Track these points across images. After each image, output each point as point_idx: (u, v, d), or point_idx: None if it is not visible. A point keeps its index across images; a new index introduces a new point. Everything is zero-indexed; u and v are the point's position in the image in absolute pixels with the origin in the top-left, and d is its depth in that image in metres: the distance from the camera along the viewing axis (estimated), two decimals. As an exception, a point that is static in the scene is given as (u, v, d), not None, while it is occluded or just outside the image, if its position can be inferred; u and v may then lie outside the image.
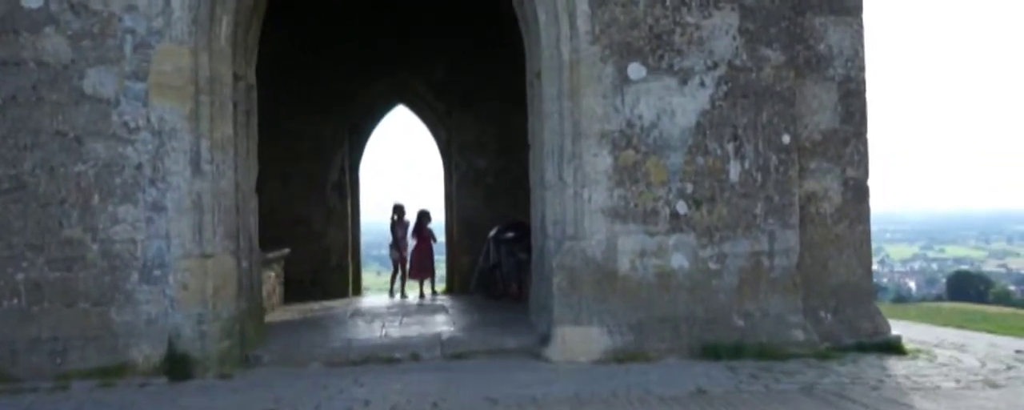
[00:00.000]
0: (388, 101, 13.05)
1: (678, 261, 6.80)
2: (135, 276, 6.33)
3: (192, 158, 6.37)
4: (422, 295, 11.81)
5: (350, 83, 12.34)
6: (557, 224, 6.86)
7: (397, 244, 11.99)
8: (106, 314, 6.30)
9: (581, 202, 6.73)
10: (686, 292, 6.79)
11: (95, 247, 6.29)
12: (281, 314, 9.72)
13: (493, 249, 11.44)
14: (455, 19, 11.89)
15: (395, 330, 7.97)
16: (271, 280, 10.13)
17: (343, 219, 12.69)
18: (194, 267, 6.37)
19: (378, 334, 7.73)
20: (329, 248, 12.56)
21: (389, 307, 10.20)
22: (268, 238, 11.92)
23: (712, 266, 6.83)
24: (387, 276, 12.90)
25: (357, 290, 12.94)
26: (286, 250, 11.00)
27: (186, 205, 6.35)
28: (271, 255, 9.94)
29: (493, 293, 11.15)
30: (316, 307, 10.55)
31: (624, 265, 6.74)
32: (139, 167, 6.32)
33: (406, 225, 12.02)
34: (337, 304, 10.93)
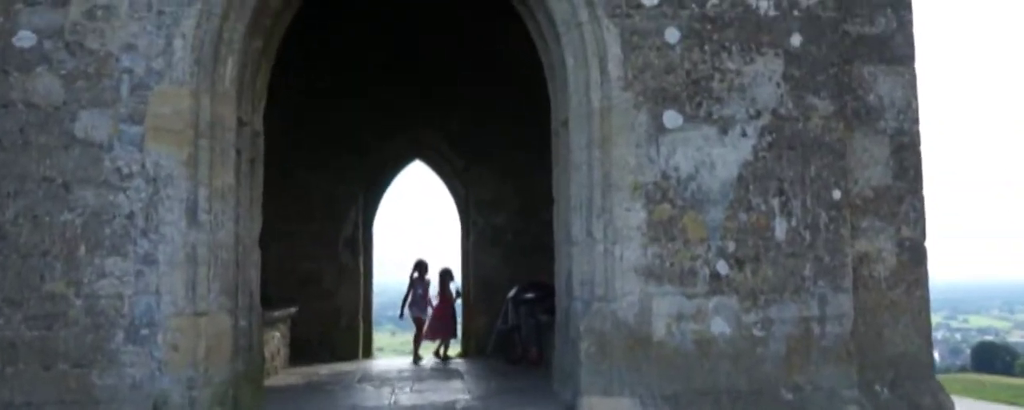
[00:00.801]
0: (404, 156, 12.59)
1: (719, 327, 6.14)
2: (120, 335, 5.75)
3: (188, 207, 5.85)
4: (442, 357, 11.13)
5: (365, 137, 11.94)
6: (585, 284, 6.25)
7: (417, 303, 11.32)
8: (87, 377, 5.71)
9: (612, 260, 6.13)
10: (728, 361, 6.11)
11: (79, 303, 5.74)
12: (285, 377, 9.07)
13: (512, 310, 10.78)
14: (475, 70, 11.53)
15: (405, 397, 7.30)
16: (275, 340, 9.52)
17: (355, 277, 12.11)
18: (186, 326, 5.79)
19: (387, 402, 7.06)
20: (339, 308, 11.95)
21: (400, 371, 9.53)
22: (275, 296, 11.44)
23: (756, 333, 6.17)
24: (402, 337, 12.30)
25: (368, 352, 12.27)
26: (293, 309, 10.42)
27: (180, 258, 5.81)
28: (276, 314, 9.37)
29: (511, 357, 10.45)
30: (323, 370, 9.88)
31: (659, 330, 6.10)
32: (130, 216, 5.82)
33: (427, 283, 11.39)
34: (346, 367, 10.26)
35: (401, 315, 11.44)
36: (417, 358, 10.97)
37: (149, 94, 5.87)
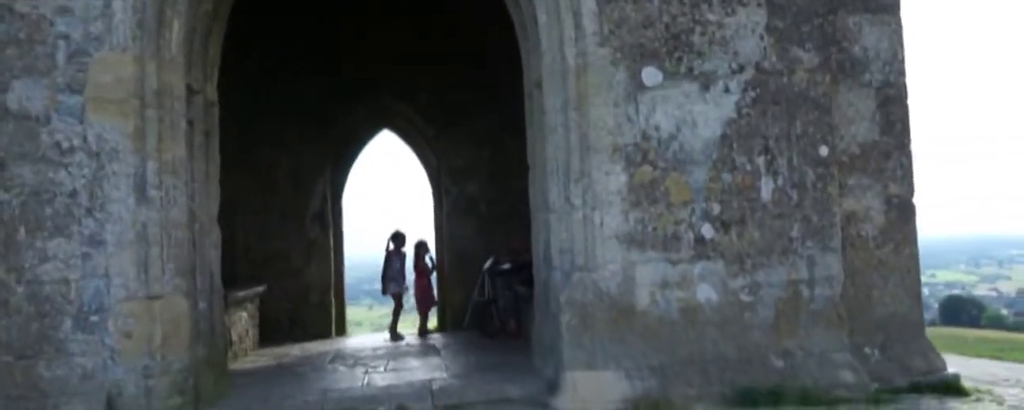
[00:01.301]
0: (372, 126, 12.17)
1: (705, 293, 5.87)
2: (68, 323, 5.35)
3: (136, 183, 5.43)
4: (421, 332, 10.81)
5: (330, 108, 11.48)
6: (564, 253, 5.93)
7: (395, 277, 10.95)
8: (32, 369, 5.31)
9: (592, 227, 5.82)
10: (715, 329, 5.86)
11: (20, 289, 5.32)
12: (254, 360, 8.71)
13: (488, 282, 10.48)
14: (441, 34, 11.07)
15: (380, 377, 6.98)
16: (242, 322, 9.14)
17: (325, 253, 11.73)
18: (139, 311, 5.40)
19: (360, 383, 6.73)
20: (309, 284, 11.57)
21: (375, 349, 9.20)
22: (242, 275, 11.02)
23: (744, 298, 5.91)
24: (380, 311, 11.97)
25: (341, 329, 11.93)
26: (260, 288, 10.01)
27: (129, 238, 5.40)
28: (242, 293, 8.97)
29: (489, 331, 10.16)
30: (294, 351, 9.53)
31: (643, 299, 5.81)
32: (73, 194, 5.38)
33: (404, 256, 11.02)
34: (318, 347, 9.91)
35: (385, 291, 11.07)
36: (396, 335, 10.65)
37: (89, 61, 5.41)
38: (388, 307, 11.64)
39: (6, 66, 5.34)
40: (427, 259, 11.23)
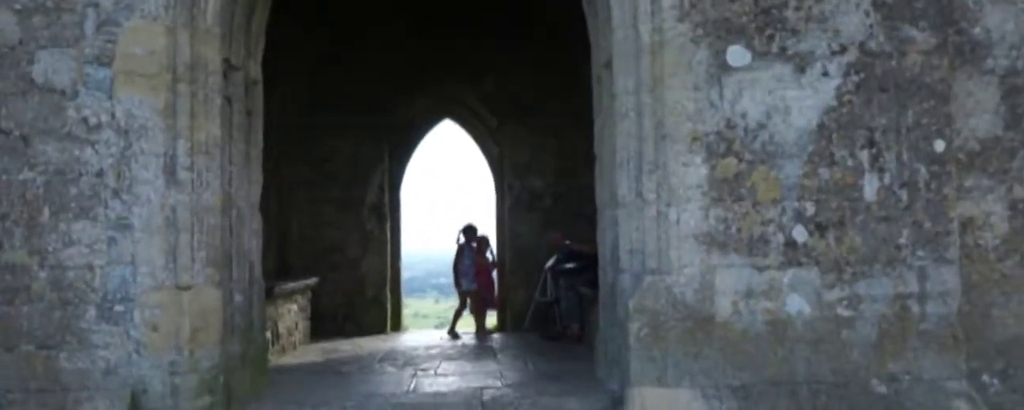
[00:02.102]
0: (433, 115, 11.68)
1: (796, 305, 5.12)
2: (91, 312, 4.95)
3: (166, 164, 4.99)
4: (483, 332, 10.30)
5: (391, 96, 11.05)
6: (634, 254, 5.26)
7: (466, 273, 10.46)
8: (54, 360, 4.93)
9: (667, 225, 5.13)
10: (807, 346, 5.10)
11: (43, 275, 4.95)
12: (301, 354, 8.30)
13: (550, 282, 9.87)
14: (509, 22, 10.49)
15: (428, 382, 6.43)
16: (292, 314, 8.75)
17: (381, 245, 11.30)
18: (166, 302, 4.97)
19: (405, 388, 6.19)
20: (364, 278, 11.17)
21: (428, 349, 8.69)
22: (296, 266, 10.68)
23: (842, 312, 5.14)
24: (446, 304, 11.50)
25: (396, 325, 11.48)
26: (312, 280, 9.64)
27: (157, 223, 4.97)
28: (292, 285, 8.59)
29: (550, 333, 9.56)
30: (345, 346, 9.11)
31: (724, 308, 5.10)
32: (100, 174, 4.98)
33: (474, 250, 10.54)
34: (370, 343, 9.48)
35: (458, 284, 10.60)
36: (454, 334, 10.16)
37: (118, 31, 4.99)
38: (455, 301, 11.22)
39: (32, 35, 4.97)
40: (488, 254, 10.69)
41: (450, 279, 10.97)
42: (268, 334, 7.66)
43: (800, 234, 5.15)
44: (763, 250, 5.14)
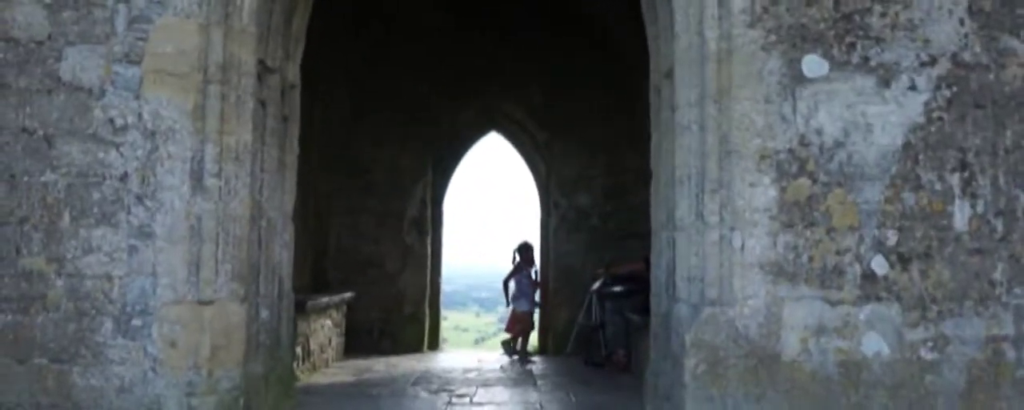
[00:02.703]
0: (479, 127, 11.34)
1: (873, 345, 4.59)
2: (109, 325, 4.64)
3: (193, 169, 4.69)
4: (522, 354, 9.90)
5: (436, 106, 10.75)
6: (692, 282, 4.79)
7: (525, 293, 10.12)
8: (67, 375, 4.63)
9: (730, 251, 4.65)
10: (885, 392, 4.56)
11: (60, 283, 4.66)
12: (333, 373, 7.95)
13: (596, 305, 9.40)
14: (559, 33, 10.12)
15: (462, 410, 6.01)
16: (325, 330, 8.42)
17: (421, 261, 10.95)
18: (186, 317, 4.64)
19: (438, 416, 5.79)
20: (403, 293, 10.82)
21: (466, 371, 8.28)
22: (334, 280, 10.39)
23: (925, 355, 4.59)
24: (486, 319, 11.12)
25: (434, 343, 11.10)
26: (348, 294, 9.32)
27: (181, 232, 4.65)
28: (326, 300, 8.26)
29: (594, 359, 9.08)
30: (379, 365, 8.74)
31: (791, 346, 4.59)
32: (124, 178, 4.69)
33: (531, 271, 10.19)
34: (405, 362, 9.10)
35: (509, 303, 10.24)
36: (513, 355, 9.81)
37: (149, 28, 4.71)
38: (493, 315, 10.85)
39: (61, 31, 4.72)
40: (532, 272, 10.28)
41: (491, 294, 10.63)
42: (299, 350, 7.34)
43: (880, 266, 4.63)
44: (837, 282, 4.63)
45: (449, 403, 6.25)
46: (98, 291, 4.65)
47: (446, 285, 12.30)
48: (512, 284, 10.02)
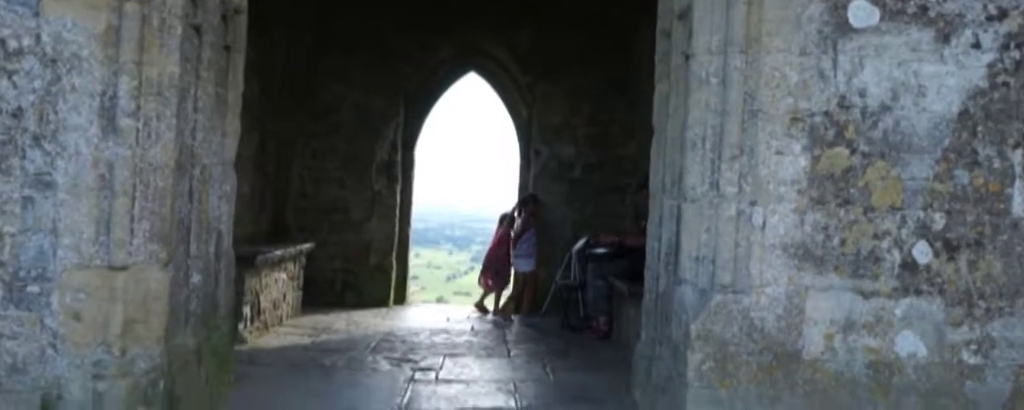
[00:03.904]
0: (457, 66, 10.40)
1: (909, 344, 3.94)
2: (-1, 292, 3.84)
3: (103, 106, 3.82)
4: (499, 312, 9.33)
5: (409, 43, 9.83)
6: (701, 262, 4.07)
7: (531, 252, 9.56)
8: (-53, 351, 3.84)
9: (749, 229, 3.93)
10: (919, 399, 3.92)
11: (-61, 240, 3.83)
12: (284, 334, 7.22)
13: (576, 265, 8.72)
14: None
15: (425, 393, 5.28)
16: (279, 285, 7.66)
17: (390, 208, 10.16)
18: (94, 284, 3.84)
19: (397, 401, 5.06)
20: (369, 243, 10.06)
21: (432, 334, 7.59)
22: (293, 226, 9.59)
23: (967, 358, 3.95)
24: (458, 256, 10.43)
25: (400, 298, 10.40)
26: (307, 245, 8.55)
27: (87, 182, 3.82)
28: (280, 252, 7.47)
29: (571, 322, 8.45)
30: (339, 323, 8.04)
31: (814, 343, 3.93)
32: (17, 115, 3.81)
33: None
34: (366, 320, 8.41)
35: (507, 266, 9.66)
36: (493, 312, 9.26)
37: (50, -74, 3.78)
38: (464, 253, 10.25)
39: (-63, -77, 3.77)
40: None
41: (464, 232, 10.05)
42: (248, 309, 6.61)
43: (923, 253, 3.94)
44: (872, 271, 3.94)
45: (411, 379, 5.55)
46: (-14, 250, 3.83)
47: (420, 223, 11.57)
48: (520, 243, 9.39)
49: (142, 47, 3.87)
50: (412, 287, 12.03)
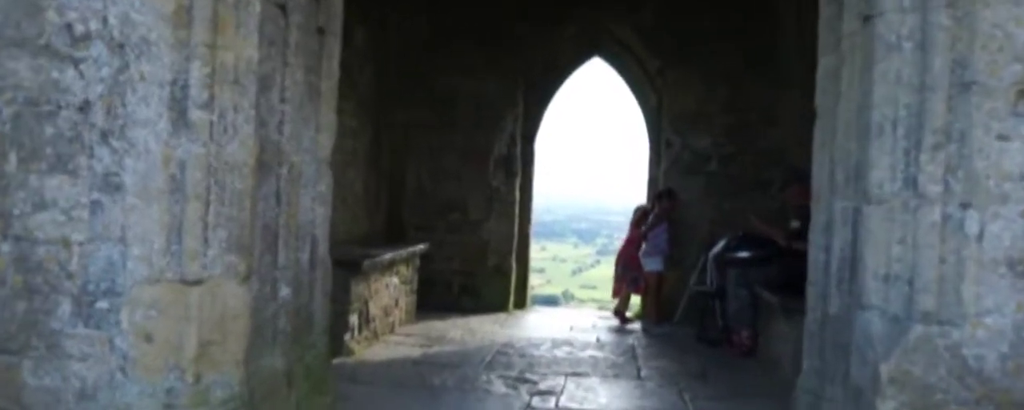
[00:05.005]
0: (579, 52, 9.65)
1: None
2: (66, 307, 3.43)
3: (173, 97, 3.35)
4: (623, 318, 8.64)
5: (529, 26, 9.16)
6: (892, 282, 3.17)
7: (662, 249, 8.84)
8: (15, 372, 3.47)
9: (960, 240, 3.01)
10: None
11: (6, 248, 3.47)
12: (394, 344, 6.75)
13: (713, 271, 7.81)
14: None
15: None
16: (390, 290, 7.20)
17: (509, 206, 9.55)
18: (165, 300, 3.38)
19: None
20: (487, 243, 9.49)
21: (553, 347, 6.91)
22: (410, 226, 9.18)
23: None
24: (585, 250, 9.76)
25: (520, 302, 9.77)
26: (420, 247, 8.07)
27: (157, 184, 3.35)
28: (391, 255, 7.00)
29: (708, 335, 7.57)
30: (453, 332, 7.51)
31: (1053, 392, 2.96)
32: (84, 108, 3.40)
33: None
34: (483, 328, 7.85)
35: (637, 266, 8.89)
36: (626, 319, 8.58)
37: None
38: (590, 247, 9.57)
39: (-2, -102, 3.40)
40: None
41: (590, 225, 9.37)
42: (355, 318, 6.16)
43: None
44: None
45: (528, 407, 4.88)
46: (52, 261, 3.43)
47: (546, 215, 10.97)
48: (650, 238, 8.63)
49: (216, 28, 3.37)
50: (537, 280, 11.44)
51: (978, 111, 2.99)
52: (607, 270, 9.11)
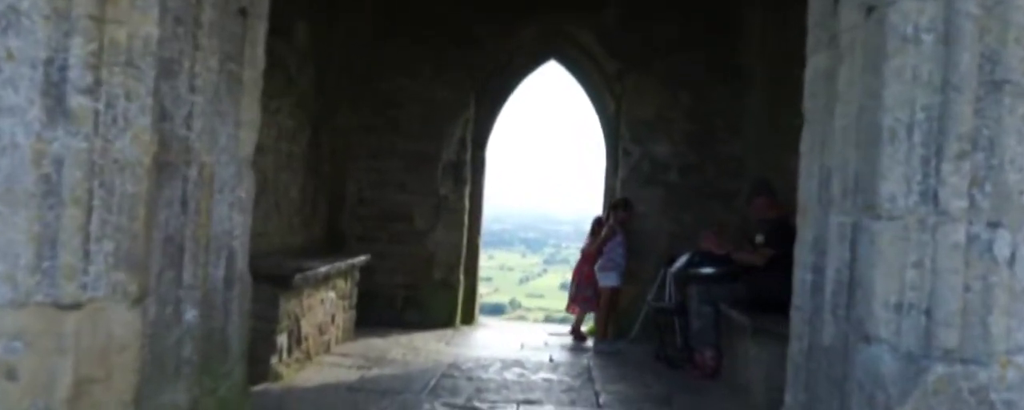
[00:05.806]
0: (535, 54, 9.17)
1: None
2: (-89, 337, 2.78)
3: (48, 78, 2.73)
4: (579, 334, 8.19)
5: (481, 27, 8.67)
6: (906, 313, 2.71)
7: (619, 264, 8.26)
8: None
9: (987, 263, 2.58)
10: None
11: None
12: (328, 366, 6.14)
13: (672, 287, 7.39)
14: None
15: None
16: (326, 306, 6.58)
17: (457, 215, 9.00)
18: (34, 329, 2.75)
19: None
20: (433, 255, 8.92)
21: (502, 368, 6.39)
22: (350, 235, 8.57)
23: None
24: (532, 259, 9.27)
25: (468, 317, 9.22)
26: (360, 258, 7.47)
27: (26, 186, 2.73)
28: (325, 269, 6.37)
29: (666, 353, 7.13)
30: (394, 352, 6.92)
31: (1095, 446, 2.53)
32: (-65, 91, 2.75)
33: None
34: (427, 346, 7.28)
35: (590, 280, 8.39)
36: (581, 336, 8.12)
37: None
38: (538, 256, 9.05)
39: None
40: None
41: (538, 234, 8.86)
42: (284, 338, 5.52)
43: None
44: None
45: (475, 442, 4.34)
46: None
47: (495, 224, 10.41)
48: (605, 252, 8.12)
49: (103, -2, 2.77)
50: (484, 289, 10.90)
51: (1011, 115, 2.56)
52: (554, 279, 8.68)
